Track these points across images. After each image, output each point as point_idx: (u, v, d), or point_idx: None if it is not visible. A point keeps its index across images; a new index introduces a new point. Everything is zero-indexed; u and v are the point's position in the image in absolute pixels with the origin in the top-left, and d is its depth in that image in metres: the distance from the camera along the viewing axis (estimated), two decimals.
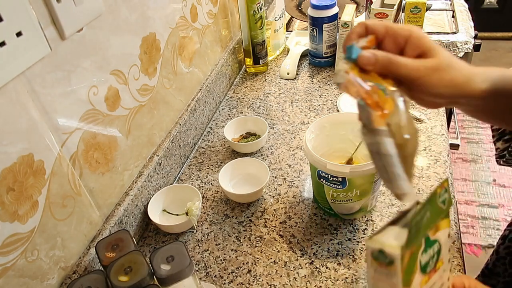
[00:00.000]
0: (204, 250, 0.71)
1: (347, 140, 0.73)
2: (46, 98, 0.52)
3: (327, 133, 0.73)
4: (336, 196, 0.68)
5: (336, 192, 0.67)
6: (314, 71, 1.16)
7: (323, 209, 0.73)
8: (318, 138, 0.72)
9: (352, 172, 0.62)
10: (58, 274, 0.56)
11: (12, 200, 0.47)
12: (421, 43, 0.44)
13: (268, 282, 0.64)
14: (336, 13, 1.08)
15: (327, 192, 0.68)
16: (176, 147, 0.85)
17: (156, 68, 0.77)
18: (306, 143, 0.67)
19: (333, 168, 0.63)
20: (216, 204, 0.79)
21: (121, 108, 0.67)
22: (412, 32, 0.44)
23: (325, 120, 0.72)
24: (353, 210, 0.70)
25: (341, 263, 0.66)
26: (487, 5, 2.79)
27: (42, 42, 0.49)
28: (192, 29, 0.90)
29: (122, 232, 0.59)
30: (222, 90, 1.08)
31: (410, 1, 1.04)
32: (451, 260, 0.46)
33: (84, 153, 0.60)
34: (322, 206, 0.73)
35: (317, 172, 0.67)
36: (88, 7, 0.56)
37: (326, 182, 0.67)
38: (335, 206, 0.70)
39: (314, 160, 0.65)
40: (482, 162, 2.17)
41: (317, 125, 0.71)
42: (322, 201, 0.71)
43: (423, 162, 0.83)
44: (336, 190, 0.67)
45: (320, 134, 0.72)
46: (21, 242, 0.49)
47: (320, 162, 0.64)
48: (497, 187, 2.03)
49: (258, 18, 1.05)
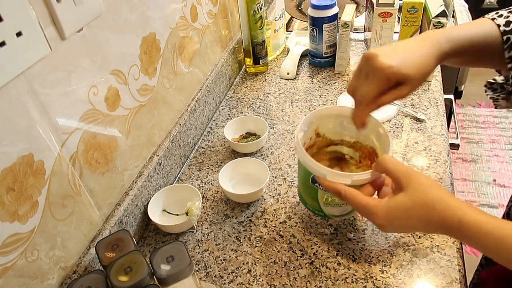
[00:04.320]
0: (204, 250, 0.71)
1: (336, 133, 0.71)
2: (46, 98, 0.52)
3: (314, 127, 0.70)
4: (330, 200, 0.65)
5: (331, 196, 0.64)
6: (314, 71, 1.16)
7: (312, 210, 0.70)
8: (307, 134, 0.69)
9: (354, 181, 0.58)
10: (58, 274, 0.56)
11: (12, 200, 0.47)
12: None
13: (268, 282, 0.64)
14: (336, 13, 1.08)
15: (320, 196, 0.65)
16: (176, 147, 0.85)
17: (156, 68, 0.77)
18: (298, 145, 0.63)
19: (335, 178, 0.58)
20: (216, 204, 0.79)
21: (121, 108, 0.67)
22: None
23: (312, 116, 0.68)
24: (345, 212, 0.68)
25: (341, 263, 0.66)
26: (487, 5, 2.79)
27: (42, 42, 0.49)
28: (192, 29, 0.90)
29: (122, 232, 0.59)
30: (222, 90, 1.08)
31: (407, 1, 1.04)
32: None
33: (84, 153, 0.60)
34: (311, 207, 0.69)
35: (311, 178, 0.63)
36: (88, 7, 0.56)
37: (321, 188, 0.62)
38: (327, 209, 0.67)
39: (313, 168, 0.60)
40: (482, 162, 2.17)
41: (306, 122, 0.67)
42: (313, 203, 0.67)
43: (423, 162, 0.83)
44: (331, 195, 0.63)
45: (308, 130, 0.69)
46: (21, 242, 0.49)
47: (319, 170, 0.59)
48: (497, 187, 2.03)
49: (258, 18, 1.05)
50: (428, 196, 0.50)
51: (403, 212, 0.51)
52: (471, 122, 2.44)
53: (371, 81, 0.55)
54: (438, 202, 0.49)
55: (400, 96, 0.56)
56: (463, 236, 0.48)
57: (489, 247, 0.46)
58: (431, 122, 0.92)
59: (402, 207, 0.51)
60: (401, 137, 0.89)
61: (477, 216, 0.47)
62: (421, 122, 0.92)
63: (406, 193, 0.51)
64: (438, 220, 0.49)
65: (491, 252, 0.47)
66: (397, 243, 0.68)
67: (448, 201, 0.49)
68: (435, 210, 0.49)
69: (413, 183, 0.51)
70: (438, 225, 0.50)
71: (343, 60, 1.11)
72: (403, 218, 0.52)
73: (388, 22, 1.06)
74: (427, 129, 0.91)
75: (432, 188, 0.51)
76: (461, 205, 0.49)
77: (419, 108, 0.97)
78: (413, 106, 0.97)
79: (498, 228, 0.46)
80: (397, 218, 0.52)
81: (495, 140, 2.30)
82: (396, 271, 0.64)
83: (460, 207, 0.48)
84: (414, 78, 0.54)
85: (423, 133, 0.89)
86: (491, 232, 0.46)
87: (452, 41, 0.57)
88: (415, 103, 0.98)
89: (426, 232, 0.54)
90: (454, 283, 0.61)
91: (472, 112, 2.51)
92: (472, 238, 0.47)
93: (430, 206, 0.50)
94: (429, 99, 0.99)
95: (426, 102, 0.98)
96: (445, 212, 0.49)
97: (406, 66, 0.54)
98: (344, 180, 0.58)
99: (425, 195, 0.50)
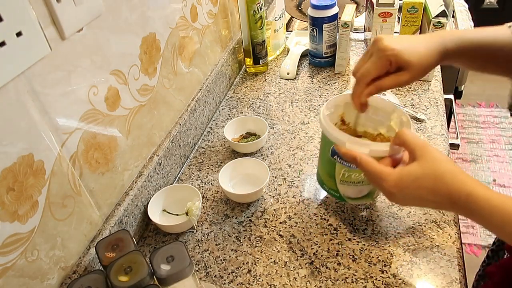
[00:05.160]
0: (204, 250, 0.71)
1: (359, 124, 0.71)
2: (46, 98, 0.52)
3: (340, 113, 0.70)
4: (347, 177, 0.65)
5: (348, 172, 0.64)
6: (314, 71, 1.16)
7: (328, 190, 0.70)
8: (332, 117, 0.69)
9: (372, 151, 0.58)
10: (58, 274, 0.56)
11: (12, 200, 0.47)
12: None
13: (268, 282, 0.64)
14: (336, 13, 1.08)
15: (337, 171, 0.65)
16: (176, 147, 0.85)
17: (156, 68, 0.77)
18: (323, 118, 0.63)
19: (353, 146, 0.59)
20: (216, 204, 0.79)
21: (121, 108, 0.67)
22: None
23: (340, 99, 0.69)
24: (361, 194, 0.67)
25: (341, 263, 0.66)
26: (487, 5, 2.79)
27: (42, 42, 0.49)
28: (192, 29, 0.90)
29: (122, 232, 0.59)
30: (222, 90, 1.08)
31: (407, 1, 1.04)
32: None
33: (84, 153, 0.60)
34: (327, 188, 0.70)
35: (331, 149, 0.63)
36: (88, 7, 0.56)
37: (340, 160, 0.63)
38: (343, 188, 0.67)
39: (333, 135, 0.61)
40: (482, 162, 2.17)
41: (333, 103, 0.68)
42: (329, 181, 0.68)
43: None
44: (348, 170, 0.64)
45: (334, 114, 0.69)
46: (21, 242, 0.49)
47: (339, 138, 0.60)
48: (497, 187, 2.03)
49: (258, 18, 1.05)
50: (440, 168, 0.51)
51: (414, 180, 0.52)
52: (471, 122, 2.44)
53: (373, 60, 0.57)
54: (448, 174, 0.50)
55: (399, 82, 0.57)
56: (470, 210, 0.48)
57: (496, 222, 0.47)
58: (431, 122, 0.92)
59: (414, 176, 0.52)
60: None
61: (486, 191, 0.48)
62: (421, 122, 0.92)
63: (418, 163, 0.52)
64: (446, 192, 0.50)
65: (497, 228, 0.47)
66: (397, 243, 0.68)
67: (458, 175, 0.50)
68: (445, 181, 0.50)
69: (426, 155, 0.52)
70: (446, 197, 0.50)
71: (343, 60, 1.11)
72: (413, 187, 0.52)
73: (388, 22, 1.06)
74: (427, 129, 0.91)
75: (445, 162, 0.51)
76: (471, 180, 0.49)
77: (419, 108, 0.97)
78: (413, 106, 0.97)
79: (506, 203, 0.46)
80: (407, 187, 0.52)
81: (495, 140, 2.30)
82: (396, 271, 0.64)
83: (470, 182, 0.49)
84: (415, 66, 0.56)
85: (423, 133, 0.89)
86: (499, 206, 0.46)
87: (459, 40, 0.58)
88: (415, 103, 0.98)
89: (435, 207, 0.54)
90: (454, 283, 0.61)
91: (472, 112, 2.51)
92: (479, 212, 0.47)
93: (440, 177, 0.50)
94: (429, 99, 0.99)
95: (426, 102, 0.98)
96: (454, 184, 0.49)
97: (409, 52, 0.55)
98: (362, 149, 0.58)
99: (436, 167, 0.51)
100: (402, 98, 1.00)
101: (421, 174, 0.51)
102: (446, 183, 0.50)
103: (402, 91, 1.03)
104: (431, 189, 0.51)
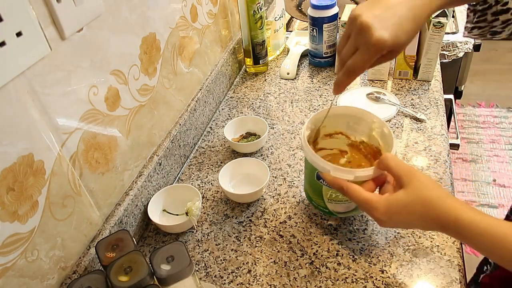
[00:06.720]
0: (204, 250, 0.71)
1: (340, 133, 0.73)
2: (46, 98, 0.52)
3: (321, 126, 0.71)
4: (334, 196, 0.66)
5: (335, 192, 0.65)
6: (314, 71, 1.16)
7: (317, 207, 0.72)
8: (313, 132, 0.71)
9: (357, 177, 0.59)
10: (58, 274, 0.56)
11: (12, 200, 0.47)
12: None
13: (268, 282, 0.64)
14: (336, 13, 1.08)
15: (324, 193, 0.67)
16: (176, 147, 0.85)
17: (156, 68, 0.77)
18: (305, 142, 0.64)
19: (338, 174, 0.59)
20: (216, 204, 0.79)
21: (121, 108, 0.67)
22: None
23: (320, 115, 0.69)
24: (349, 209, 0.69)
25: (341, 263, 0.66)
26: None
27: (42, 42, 0.49)
28: (192, 29, 0.90)
29: (122, 232, 0.59)
30: (222, 90, 1.08)
31: None
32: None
33: (84, 153, 0.60)
34: (316, 204, 0.71)
35: (316, 174, 0.65)
36: (88, 7, 0.56)
37: (325, 184, 0.64)
38: (331, 206, 0.68)
39: (316, 163, 0.62)
40: (482, 162, 2.17)
41: (312, 120, 0.69)
42: (317, 199, 0.69)
43: (423, 162, 0.83)
44: (335, 191, 0.65)
45: (315, 129, 0.71)
46: (21, 242, 0.49)
47: (323, 166, 0.61)
48: (497, 187, 2.03)
49: (258, 18, 1.05)
50: (427, 194, 0.51)
51: (403, 208, 0.52)
52: (471, 122, 2.44)
53: (365, 53, 0.54)
54: (436, 200, 0.50)
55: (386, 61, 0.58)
56: (460, 234, 0.49)
57: (485, 246, 0.47)
58: (431, 122, 0.92)
59: (402, 203, 0.52)
60: (401, 137, 0.89)
61: (473, 215, 0.48)
62: (421, 122, 0.92)
63: (406, 190, 0.53)
64: (435, 218, 0.50)
65: (487, 251, 0.48)
66: (397, 243, 0.68)
67: (445, 200, 0.50)
68: (433, 207, 0.50)
69: (413, 181, 0.52)
70: (435, 222, 0.50)
71: None
72: (403, 214, 0.53)
73: None
74: (427, 129, 0.91)
75: (432, 187, 0.52)
76: (458, 205, 0.49)
77: (419, 108, 0.97)
78: (413, 106, 0.97)
79: (494, 227, 0.46)
80: (396, 214, 0.53)
81: (495, 140, 2.29)
82: (396, 271, 0.64)
83: (457, 206, 0.49)
84: (405, 45, 0.55)
85: (423, 133, 0.89)
86: (487, 231, 0.46)
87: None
88: (415, 103, 0.98)
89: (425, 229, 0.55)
90: (454, 283, 0.61)
91: (472, 112, 2.51)
92: (468, 236, 0.48)
93: (428, 204, 0.51)
94: (429, 99, 0.99)
95: (426, 102, 0.98)
96: (442, 210, 0.50)
97: (399, 36, 0.53)
98: (347, 176, 0.59)
99: (424, 193, 0.51)
100: (402, 98, 1.00)
101: (409, 201, 0.52)
102: (434, 208, 0.50)
103: (402, 91, 1.03)
104: (420, 215, 0.51)
